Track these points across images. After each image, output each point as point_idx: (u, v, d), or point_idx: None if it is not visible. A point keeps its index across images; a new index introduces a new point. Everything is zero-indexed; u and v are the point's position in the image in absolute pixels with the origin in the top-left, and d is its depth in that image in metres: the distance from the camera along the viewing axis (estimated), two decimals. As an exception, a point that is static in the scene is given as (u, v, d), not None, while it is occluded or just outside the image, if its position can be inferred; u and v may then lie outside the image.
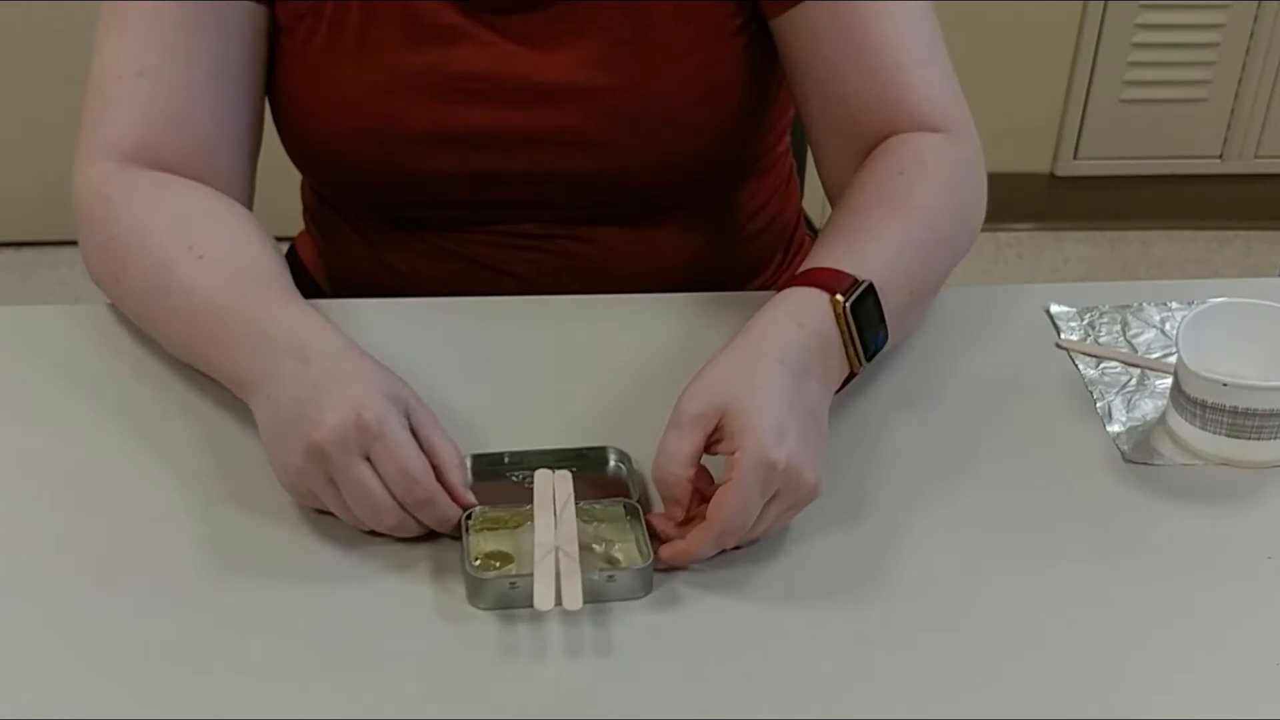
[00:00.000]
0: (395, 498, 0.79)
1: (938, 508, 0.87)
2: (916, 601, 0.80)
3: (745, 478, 0.78)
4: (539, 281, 1.10)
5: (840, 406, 0.93)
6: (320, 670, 0.75)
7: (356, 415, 0.78)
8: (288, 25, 1.02)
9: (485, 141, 1.04)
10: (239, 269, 0.91)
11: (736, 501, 0.78)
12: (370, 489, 0.79)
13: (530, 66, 1.01)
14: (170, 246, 0.92)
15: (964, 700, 0.74)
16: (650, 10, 1.01)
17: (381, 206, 1.11)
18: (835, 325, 0.86)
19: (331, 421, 0.78)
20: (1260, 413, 0.88)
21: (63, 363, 0.98)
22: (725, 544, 0.80)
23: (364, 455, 0.79)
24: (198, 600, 0.79)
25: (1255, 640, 0.78)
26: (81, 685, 0.74)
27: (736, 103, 1.04)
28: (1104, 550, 0.84)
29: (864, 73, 1.00)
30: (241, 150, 1.02)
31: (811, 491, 0.81)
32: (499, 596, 0.78)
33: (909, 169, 0.97)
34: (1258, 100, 2.59)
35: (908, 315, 0.95)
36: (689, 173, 1.09)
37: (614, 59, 1.02)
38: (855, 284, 0.87)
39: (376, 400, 0.80)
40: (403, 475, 0.79)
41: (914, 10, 1.01)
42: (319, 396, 0.80)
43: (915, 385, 0.97)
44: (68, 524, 0.84)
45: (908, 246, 0.93)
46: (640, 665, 0.75)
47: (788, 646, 0.77)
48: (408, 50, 1.01)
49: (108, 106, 0.98)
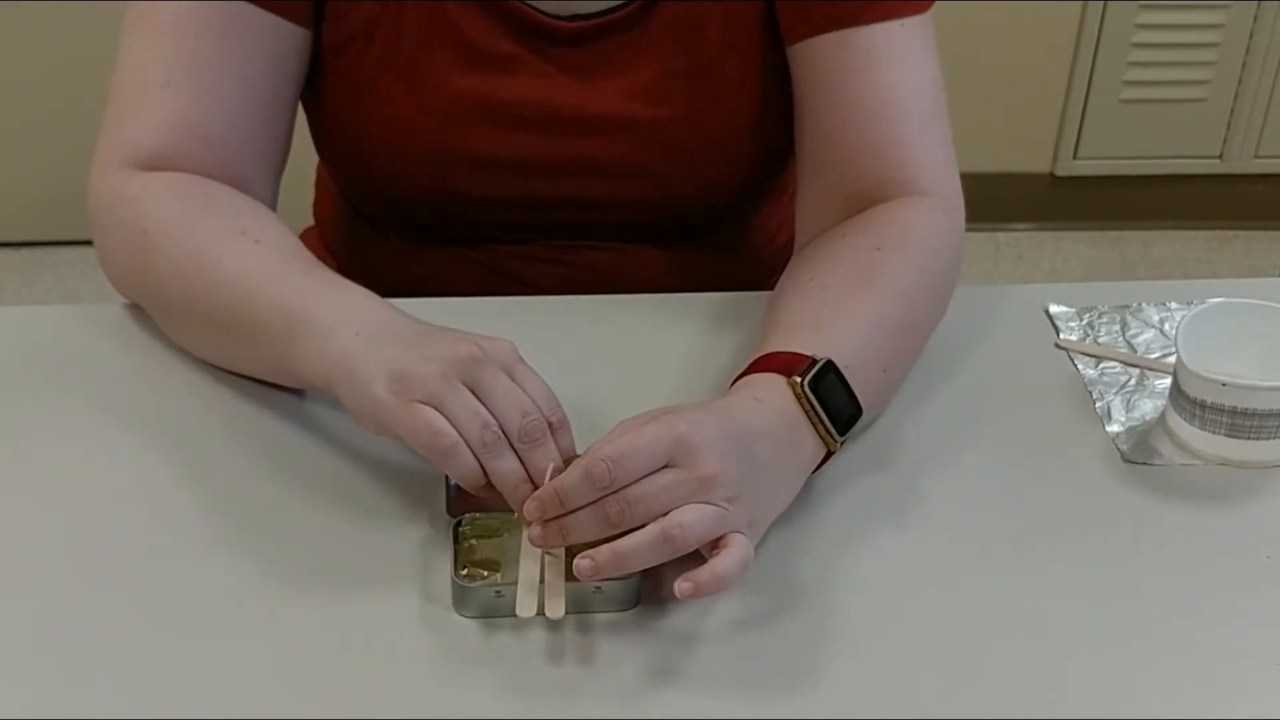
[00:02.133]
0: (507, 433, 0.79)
1: (936, 508, 0.87)
2: (914, 602, 0.80)
3: (642, 426, 0.76)
4: (561, 294, 1.10)
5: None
6: (307, 675, 0.75)
7: (500, 343, 0.81)
8: (336, 45, 1.01)
9: (536, 169, 1.04)
10: (298, 254, 0.92)
11: (617, 444, 0.75)
12: (522, 393, 0.79)
13: (583, 97, 1.02)
14: (221, 230, 0.92)
15: (963, 701, 0.74)
16: (703, 42, 1.01)
17: (422, 223, 1.11)
18: (796, 404, 0.83)
19: (478, 340, 0.80)
20: (1260, 413, 0.88)
21: (62, 363, 0.98)
22: (593, 485, 0.75)
23: (507, 374, 0.80)
24: (186, 605, 0.79)
25: (1255, 640, 0.78)
26: (78, 686, 0.74)
27: (781, 132, 1.04)
28: (1103, 550, 0.84)
29: (865, 120, 0.98)
30: (265, 165, 1.01)
31: (708, 481, 0.76)
32: (484, 605, 0.78)
33: (887, 246, 0.95)
34: (1258, 100, 2.59)
35: (885, 393, 0.93)
36: (729, 197, 1.10)
37: (667, 91, 1.02)
38: (813, 363, 0.84)
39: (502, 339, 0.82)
40: (546, 396, 0.80)
41: (925, 71, 1.00)
42: (435, 331, 0.83)
43: (914, 385, 0.97)
44: (67, 524, 0.84)
45: (880, 325, 0.91)
46: (627, 675, 0.75)
47: (782, 649, 0.77)
48: (461, 76, 1.01)
49: (132, 112, 0.96)
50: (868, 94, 0.98)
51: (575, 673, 0.75)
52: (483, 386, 0.79)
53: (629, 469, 0.75)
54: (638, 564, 0.75)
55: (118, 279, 0.98)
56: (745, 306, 1.03)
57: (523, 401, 0.79)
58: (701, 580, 0.74)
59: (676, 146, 1.04)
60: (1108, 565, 0.83)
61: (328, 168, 1.12)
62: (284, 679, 0.74)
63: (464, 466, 0.78)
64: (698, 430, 0.77)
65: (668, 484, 0.76)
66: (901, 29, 0.98)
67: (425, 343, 0.81)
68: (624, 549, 0.75)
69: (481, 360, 0.79)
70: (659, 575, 0.79)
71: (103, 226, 0.96)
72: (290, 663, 0.75)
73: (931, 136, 1.00)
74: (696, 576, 0.74)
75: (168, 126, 0.95)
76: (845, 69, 0.98)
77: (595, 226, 1.09)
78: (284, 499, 0.86)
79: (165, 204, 0.94)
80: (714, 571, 0.74)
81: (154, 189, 0.94)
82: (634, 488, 0.75)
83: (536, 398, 0.80)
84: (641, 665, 0.76)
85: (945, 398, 0.96)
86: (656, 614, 0.79)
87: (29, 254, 2.56)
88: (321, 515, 0.85)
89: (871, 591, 0.81)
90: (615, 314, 1.04)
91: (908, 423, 0.94)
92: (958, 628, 0.79)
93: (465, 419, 0.77)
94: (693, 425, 0.77)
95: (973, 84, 2.50)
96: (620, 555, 0.74)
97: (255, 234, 0.92)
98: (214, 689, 0.74)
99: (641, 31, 1.00)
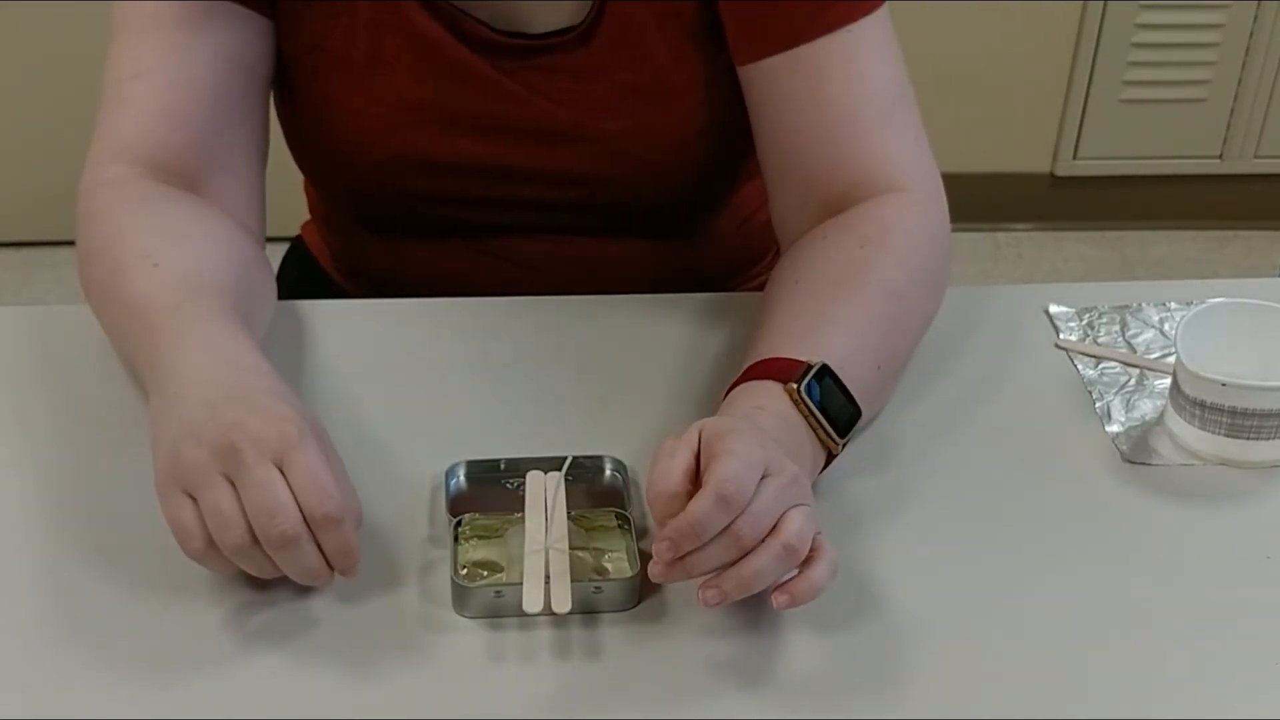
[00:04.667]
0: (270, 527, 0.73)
1: (935, 508, 0.87)
2: (913, 603, 0.80)
3: (732, 445, 0.74)
4: (546, 273, 1.11)
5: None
6: (307, 675, 0.75)
7: (281, 425, 0.75)
8: (293, 56, 1.02)
9: (494, 174, 1.05)
10: (187, 279, 0.88)
11: (729, 463, 0.73)
12: (276, 492, 0.73)
13: (536, 110, 1.02)
14: (132, 255, 0.90)
15: (962, 701, 0.74)
16: (648, 56, 1.01)
17: (390, 220, 1.13)
18: (795, 410, 0.83)
19: (254, 424, 0.75)
20: (1259, 413, 0.88)
21: (62, 363, 0.98)
22: (728, 509, 0.72)
23: (276, 464, 0.74)
24: (185, 606, 0.79)
25: (1255, 640, 0.78)
26: (78, 686, 0.74)
27: (736, 130, 1.04)
28: (1103, 550, 0.84)
29: (824, 131, 0.97)
30: (246, 149, 1.02)
31: (798, 482, 0.76)
32: (485, 605, 0.78)
33: (869, 244, 0.94)
34: (1257, 100, 2.58)
35: (881, 391, 0.92)
36: (689, 194, 1.10)
37: (619, 104, 1.02)
38: (808, 369, 0.84)
39: (299, 417, 0.77)
40: (317, 490, 0.74)
41: (880, 70, 0.98)
42: (240, 400, 0.77)
43: (915, 385, 0.97)
44: (66, 524, 0.84)
45: (870, 324, 0.90)
46: (627, 675, 0.75)
47: (780, 653, 0.77)
48: (416, 83, 1.01)
49: (110, 111, 0.98)
50: (824, 108, 0.97)
51: (575, 673, 0.75)
52: (240, 481, 0.74)
53: (748, 486, 0.73)
54: (764, 584, 0.74)
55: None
56: (743, 308, 1.03)
57: (276, 503, 0.73)
58: (799, 590, 0.74)
59: (632, 156, 1.04)
60: (1108, 565, 0.83)
61: (301, 169, 1.13)
62: (284, 679, 0.74)
63: (220, 566, 0.76)
64: (762, 442, 0.76)
65: (776, 493, 0.74)
66: (850, 34, 0.96)
67: (216, 418, 0.76)
68: (751, 571, 0.73)
69: (243, 451, 0.73)
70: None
71: (75, 233, 0.97)
72: (290, 663, 0.75)
73: (894, 131, 0.99)
74: (794, 589, 0.74)
75: (141, 117, 0.97)
76: (798, 87, 0.97)
77: (567, 221, 1.10)
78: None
79: (109, 219, 0.94)
80: (811, 580, 0.74)
81: (108, 204, 0.95)
82: (755, 504, 0.73)
83: (302, 494, 0.74)
84: (642, 665, 0.76)
85: (945, 397, 0.96)
86: (656, 614, 0.79)
87: (29, 254, 2.56)
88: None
89: (871, 591, 0.81)
90: (608, 312, 1.05)
91: (907, 422, 0.94)
92: (957, 627, 0.79)
93: (210, 520, 0.74)
94: (757, 438, 0.76)
95: (973, 84, 2.50)
96: (747, 579, 0.73)
97: (158, 257, 0.89)
98: (214, 689, 0.74)
99: (586, 51, 1.01)
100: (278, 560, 0.75)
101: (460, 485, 0.86)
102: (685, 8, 0.99)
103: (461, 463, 0.87)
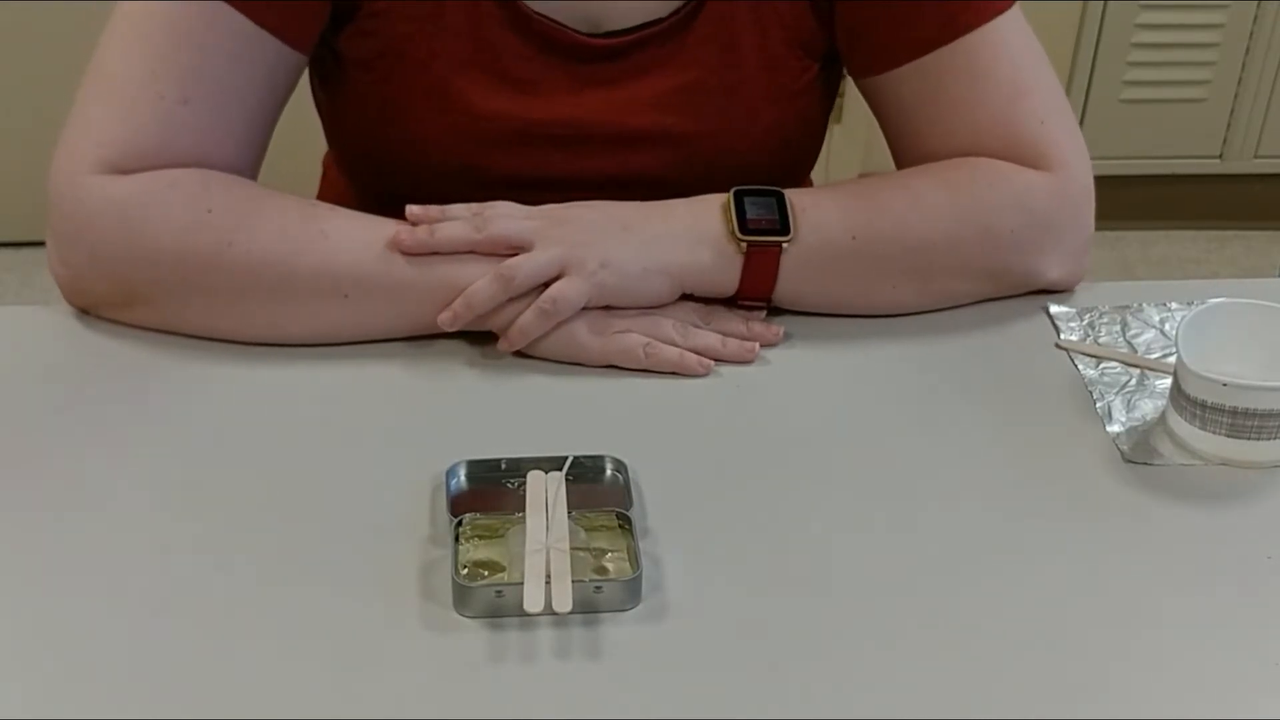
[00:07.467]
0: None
1: (935, 507, 0.87)
2: (913, 602, 0.80)
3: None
4: None
5: (839, 405, 0.94)
6: (308, 676, 0.75)
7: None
8: (363, 61, 1.02)
9: (564, 186, 1.05)
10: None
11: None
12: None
13: (613, 112, 1.02)
14: (298, 203, 0.95)
15: (962, 701, 0.74)
16: (738, 60, 1.01)
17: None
18: (718, 209, 0.93)
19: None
20: (1260, 413, 0.88)
21: (62, 363, 0.98)
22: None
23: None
24: (184, 604, 0.79)
25: (1255, 640, 0.78)
26: (77, 686, 0.74)
27: (803, 151, 1.05)
28: (1103, 550, 0.84)
29: (959, 137, 1.00)
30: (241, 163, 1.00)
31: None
32: (486, 605, 0.78)
33: (945, 168, 0.98)
34: (1257, 100, 2.59)
35: (856, 265, 0.95)
36: None
37: (699, 103, 1.02)
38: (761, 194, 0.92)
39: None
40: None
41: (1005, 67, 1.03)
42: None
43: (915, 384, 0.97)
44: (66, 524, 0.84)
45: (863, 198, 0.93)
46: (628, 676, 0.75)
47: (782, 648, 0.77)
48: (491, 97, 1.01)
49: (111, 109, 0.96)
50: (955, 106, 1.00)
51: (575, 673, 0.75)
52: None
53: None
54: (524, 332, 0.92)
55: (121, 275, 0.96)
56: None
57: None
58: (511, 334, 0.94)
59: (702, 160, 1.04)
60: (1108, 565, 0.83)
61: (343, 169, 1.12)
62: (284, 679, 0.74)
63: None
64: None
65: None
66: (984, 36, 1.02)
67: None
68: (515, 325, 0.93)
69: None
70: (659, 576, 0.80)
71: (92, 226, 0.94)
72: (290, 663, 0.75)
73: (1032, 104, 1.04)
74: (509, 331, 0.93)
75: (143, 124, 0.95)
76: (924, 92, 1.00)
77: None
78: (284, 498, 0.86)
79: (220, 185, 0.95)
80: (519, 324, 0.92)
81: (159, 186, 0.94)
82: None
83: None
84: (642, 665, 0.76)
85: (945, 397, 0.96)
86: (657, 614, 0.79)
87: (29, 254, 2.56)
88: (321, 515, 0.84)
89: (870, 591, 0.81)
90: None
91: (907, 422, 0.94)
92: (957, 628, 0.79)
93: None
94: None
95: (973, 84, 2.49)
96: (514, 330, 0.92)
97: (323, 224, 0.96)
98: (213, 689, 0.73)
99: (677, 45, 1.00)
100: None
101: (460, 485, 0.86)
102: (786, 13, 0.99)
103: (462, 463, 0.87)
